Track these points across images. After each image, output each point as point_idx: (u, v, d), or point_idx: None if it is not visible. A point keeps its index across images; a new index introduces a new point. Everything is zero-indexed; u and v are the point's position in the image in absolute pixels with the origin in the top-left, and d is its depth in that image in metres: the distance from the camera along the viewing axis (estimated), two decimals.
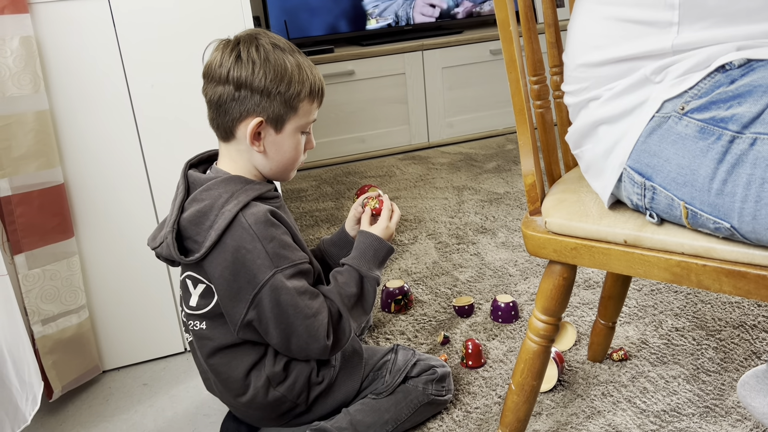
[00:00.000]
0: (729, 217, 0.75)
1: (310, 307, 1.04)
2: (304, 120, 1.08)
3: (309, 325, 1.04)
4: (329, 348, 1.06)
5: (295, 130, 1.08)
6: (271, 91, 1.02)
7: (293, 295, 1.03)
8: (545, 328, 1.01)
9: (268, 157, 1.08)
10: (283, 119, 1.05)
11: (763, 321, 1.44)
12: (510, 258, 1.84)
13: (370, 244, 1.16)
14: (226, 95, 1.03)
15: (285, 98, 1.04)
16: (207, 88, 1.06)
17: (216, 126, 1.08)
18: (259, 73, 1.02)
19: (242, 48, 1.03)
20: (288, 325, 1.03)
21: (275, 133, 1.06)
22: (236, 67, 1.02)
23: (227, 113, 1.04)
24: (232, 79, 1.02)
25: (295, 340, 1.04)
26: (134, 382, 1.43)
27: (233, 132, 1.06)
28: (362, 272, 1.13)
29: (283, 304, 1.02)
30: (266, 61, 1.02)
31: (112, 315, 1.43)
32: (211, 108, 1.07)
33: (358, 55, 2.78)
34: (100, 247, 1.38)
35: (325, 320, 1.05)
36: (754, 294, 0.79)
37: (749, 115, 0.72)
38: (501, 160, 2.73)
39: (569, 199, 0.97)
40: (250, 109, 1.03)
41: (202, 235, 1.03)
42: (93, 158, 1.34)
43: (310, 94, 1.06)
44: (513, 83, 0.96)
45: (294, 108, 1.05)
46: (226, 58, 1.03)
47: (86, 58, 1.30)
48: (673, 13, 0.79)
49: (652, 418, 1.18)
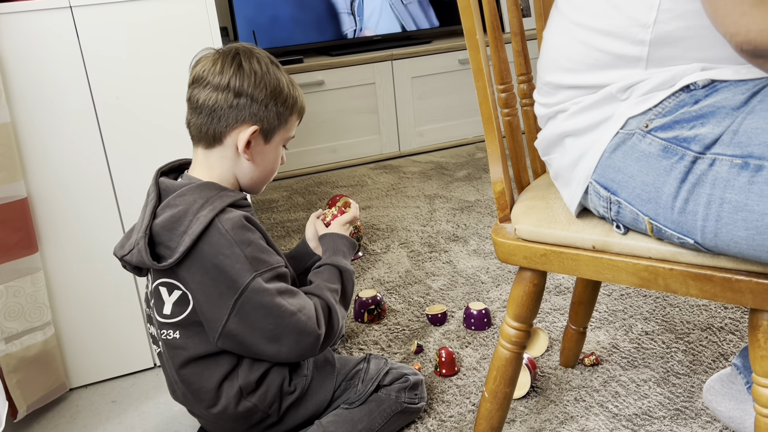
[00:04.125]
0: (692, 234, 0.77)
1: (293, 304, 1.05)
2: (288, 134, 1.13)
3: (296, 321, 1.04)
4: (322, 338, 1.07)
5: (280, 142, 1.13)
6: (269, 102, 1.07)
7: (274, 296, 1.03)
8: (517, 334, 1.01)
9: (254, 166, 1.11)
10: (274, 131, 1.10)
11: (730, 323, 1.47)
12: (482, 265, 1.85)
13: (337, 241, 1.22)
14: (224, 102, 1.05)
15: (279, 111, 1.09)
16: (199, 93, 1.06)
17: (203, 131, 1.07)
18: (260, 84, 1.06)
19: (243, 59, 1.07)
20: (275, 326, 1.03)
21: (264, 143, 1.10)
22: (238, 76, 1.05)
23: (221, 119, 1.06)
24: (233, 87, 1.05)
25: (286, 340, 1.04)
26: (102, 400, 1.40)
27: (222, 138, 1.07)
28: (340, 267, 1.18)
29: (266, 306, 1.03)
30: (267, 74, 1.07)
31: (79, 331, 1.40)
32: (201, 113, 1.06)
33: (328, 65, 2.78)
34: (66, 262, 1.36)
35: (312, 312, 1.06)
36: (720, 297, 0.80)
37: (711, 136, 0.74)
38: (471, 168, 2.74)
39: (538, 205, 0.98)
40: (247, 118, 1.06)
41: (176, 241, 1.02)
42: (57, 171, 1.32)
43: (299, 110, 1.13)
44: (480, 92, 0.97)
45: (285, 121, 1.11)
46: (226, 67, 1.05)
47: (50, 71, 1.27)
48: (643, 49, 0.80)
49: (624, 422, 1.19)
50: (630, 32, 0.80)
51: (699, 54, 0.78)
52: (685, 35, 0.78)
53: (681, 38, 0.78)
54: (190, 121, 1.09)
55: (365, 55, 2.84)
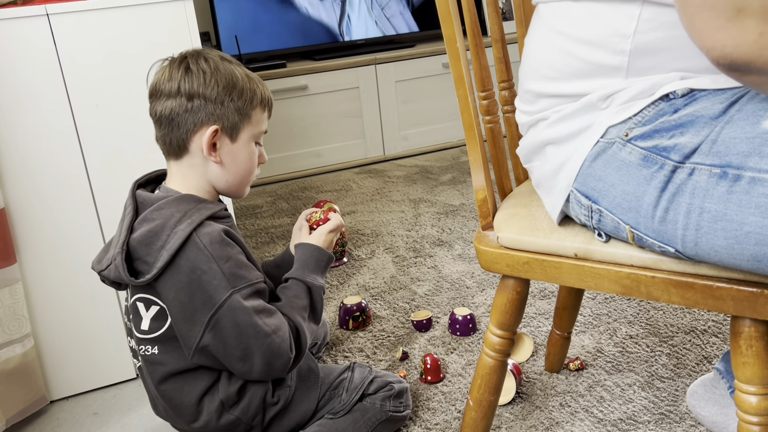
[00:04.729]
0: (673, 242, 0.77)
1: (269, 324, 1.03)
2: (257, 129, 1.09)
3: (270, 343, 1.02)
4: (291, 362, 1.05)
5: (249, 139, 1.09)
6: (224, 99, 1.04)
7: (251, 315, 1.01)
8: (500, 342, 1.01)
9: (225, 169, 1.07)
10: (238, 127, 1.06)
11: (713, 326, 1.47)
12: (467, 270, 1.85)
13: (311, 254, 1.16)
14: (178, 107, 1.03)
15: (238, 105, 1.05)
16: (155, 105, 1.05)
17: (167, 143, 1.06)
18: (210, 81, 1.03)
19: (190, 61, 1.04)
20: (248, 345, 1.01)
21: (231, 143, 1.07)
22: (187, 79, 1.03)
23: (180, 126, 1.03)
24: (184, 91, 1.02)
25: (257, 361, 1.02)
26: (84, 412, 1.39)
27: (186, 146, 1.05)
28: (308, 283, 1.13)
29: (241, 325, 1.01)
30: (216, 71, 1.04)
31: (59, 342, 1.38)
32: (161, 125, 1.05)
33: (311, 69, 2.77)
34: (45, 272, 1.34)
35: (286, 335, 1.04)
36: (702, 304, 0.80)
37: (691, 145, 0.74)
38: (456, 172, 2.74)
39: (520, 213, 0.98)
40: (204, 119, 1.03)
41: (153, 256, 1.00)
42: (35, 181, 1.30)
43: (261, 102, 1.08)
44: (462, 99, 0.97)
45: (247, 115, 1.07)
46: (174, 72, 1.03)
47: (26, 79, 1.25)
48: (623, 59, 0.80)
49: (610, 427, 1.19)
50: (610, 42, 0.80)
51: (678, 64, 0.78)
52: (664, 45, 0.78)
53: (660, 48, 0.78)
54: (157, 137, 1.08)
55: (349, 59, 2.84)
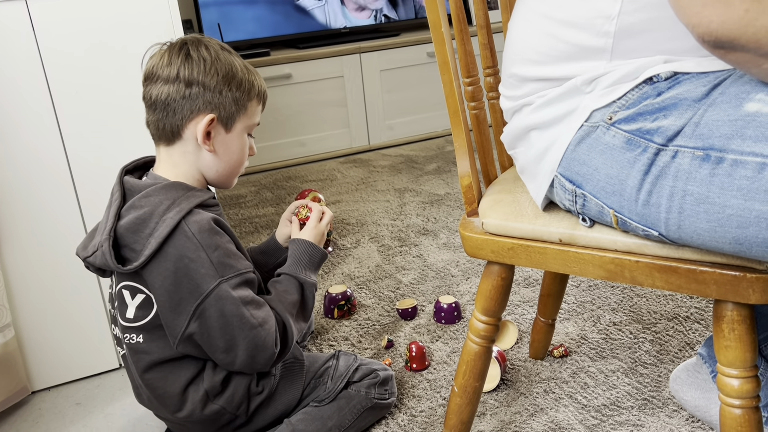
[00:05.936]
0: (656, 226, 0.77)
1: (256, 317, 1.02)
2: (251, 120, 1.09)
3: (255, 335, 1.01)
4: (275, 356, 1.04)
5: (243, 130, 1.08)
6: (223, 88, 1.03)
7: (238, 305, 1.00)
8: (485, 328, 1.01)
9: (218, 158, 1.07)
10: (234, 118, 1.06)
11: (696, 312, 1.49)
12: (452, 258, 1.85)
13: (305, 251, 1.16)
14: (176, 93, 1.02)
15: (236, 96, 1.05)
16: (151, 89, 1.04)
17: (160, 128, 1.05)
18: (210, 70, 1.02)
19: (191, 48, 1.03)
20: (233, 336, 1.01)
21: (225, 132, 1.06)
22: (187, 65, 1.02)
23: (176, 112, 1.02)
24: (183, 77, 1.01)
25: (241, 352, 1.01)
26: (66, 402, 1.37)
27: (180, 132, 1.04)
28: (300, 279, 1.13)
29: (228, 315, 1.00)
30: (217, 60, 1.03)
31: (41, 332, 1.36)
32: (156, 109, 1.04)
33: (295, 58, 2.75)
34: (26, 260, 1.32)
35: (272, 329, 1.03)
36: (685, 288, 0.81)
37: (674, 128, 0.74)
38: (441, 162, 2.74)
39: (505, 199, 0.98)
40: (201, 107, 1.03)
41: (141, 243, 0.99)
42: (14, 168, 1.28)
43: (258, 94, 1.09)
44: (447, 85, 0.96)
45: (244, 107, 1.07)
46: (174, 58, 1.02)
47: (4, 65, 1.23)
48: (607, 41, 0.80)
49: (593, 412, 1.20)
50: (595, 24, 0.80)
51: (663, 46, 0.79)
52: (648, 27, 0.78)
53: (645, 30, 0.78)
54: (148, 121, 1.06)
55: (333, 48, 2.82)
